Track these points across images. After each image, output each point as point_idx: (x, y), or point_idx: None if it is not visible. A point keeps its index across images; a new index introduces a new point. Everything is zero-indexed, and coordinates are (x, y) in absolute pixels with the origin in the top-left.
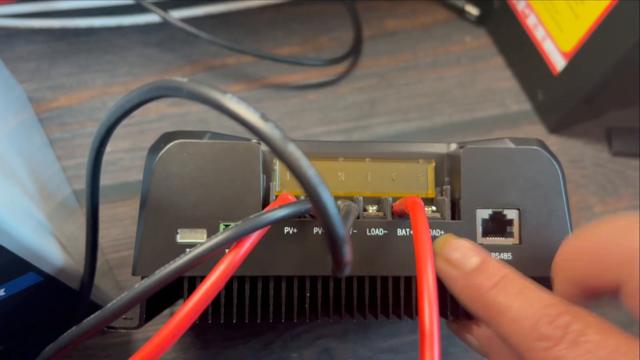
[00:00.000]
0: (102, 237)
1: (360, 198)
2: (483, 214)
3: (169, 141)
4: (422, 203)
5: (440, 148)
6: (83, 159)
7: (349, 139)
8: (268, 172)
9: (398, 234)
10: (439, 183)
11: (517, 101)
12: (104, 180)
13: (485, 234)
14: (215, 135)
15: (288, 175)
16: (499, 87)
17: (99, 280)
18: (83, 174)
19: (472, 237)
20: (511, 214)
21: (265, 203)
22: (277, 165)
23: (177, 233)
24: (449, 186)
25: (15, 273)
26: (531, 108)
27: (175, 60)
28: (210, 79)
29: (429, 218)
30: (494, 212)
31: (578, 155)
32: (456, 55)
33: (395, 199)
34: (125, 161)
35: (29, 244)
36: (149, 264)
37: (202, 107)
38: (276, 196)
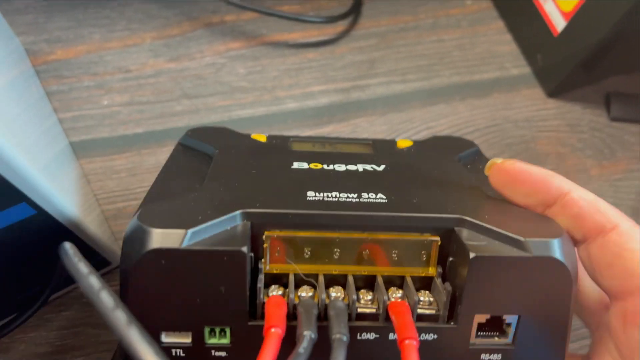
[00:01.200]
0: (98, 188)
1: (351, 280)
2: (481, 318)
3: (143, 241)
4: (412, 327)
5: (448, 222)
6: (80, 112)
7: (347, 99)
8: (256, 247)
9: (390, 338)
10: (442, 258)
11: (516, 65)
12: (101, 133)
13: (479, 333)
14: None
15: (277, 251)
16: (498, 51)
17: (95, 230)
18: (80, 126)
19: (465, 339)
20: (510, 319)
21: (253, 297)
22: (267, 243)
23: (162, 334)
24: (450, 288)
25: (7, 202)
26: (530, 72)
27: (173, 16)
28: (209, 36)
29: (420, 315)
30: (493, 317)
31: (576, 119)
32: (456, 18)
33: (390, 277)
34: (122, 115)
35: (23, 173)
36: None
37: (200, 62)
38: (264, 300)
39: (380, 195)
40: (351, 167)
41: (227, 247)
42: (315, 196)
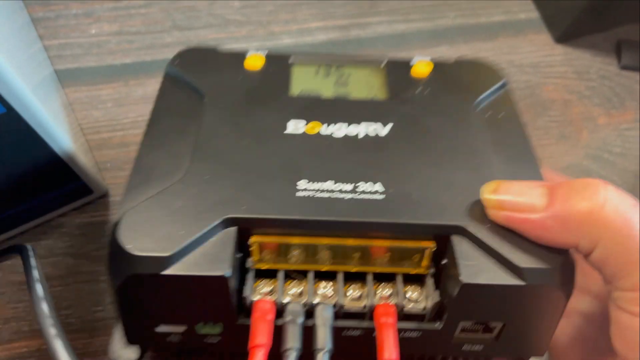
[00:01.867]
0: (83, 118)
1: (341, 278)
2: (467, 323)
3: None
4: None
5: (446, 230)
6: (67, 40)
7: (346, 37)
8: (243, 246)
9: (374, 335)
10: (437, 254)
11: (524, 9)
12: (88, 62)
13: (464, 331)
14: None
15: (265, 253)
16: None
17: (79, 159)
18: (66, 54)
19: (449, 335)
20: (495, 324)
21: (240, 301)
22: (254, 247)
23: (157, 326)
24: (438, 299)
25: None
26: (538, 16)
27: None
28: None
29: (407, 314)
30: (477, 323)
31: (584, 67)
32: None
33: (381, 275)
34: (111, 44)
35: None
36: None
37: None
38: (252, 299)
39: (377, 186)
40: (352, 131)
41: (208, 272)
42: (307, 189)
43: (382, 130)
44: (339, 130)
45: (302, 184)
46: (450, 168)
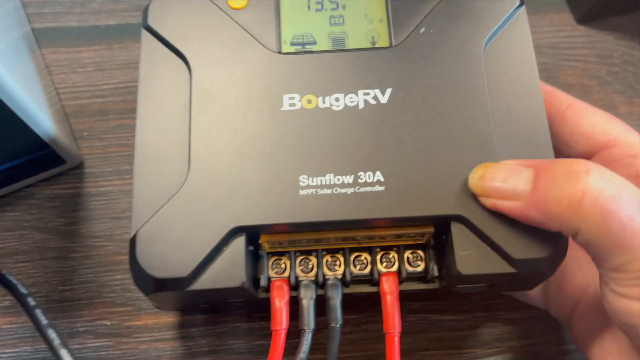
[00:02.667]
0: (60, 82)
1: (348, 251)
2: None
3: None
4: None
5: (446, 218)
6: None
7: None
8: (254, 240)
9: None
10: (434, 235)
11: None
12: (69, 21)
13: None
14: None
15: (275, 245)
16: None
17: (53, 127)
18: (45, 12)
19: (445, 291)
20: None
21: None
22: (264, 243)
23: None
24: (437, 274)
25: None
26: None
27: None
28: None
29: (410, 275)
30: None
31: (607, 50)
32: None
33: (384, 249)
34: (95, 4)
35: None
36: None
37: None
38: (270, 280)
39: (377, 175)
40: (351, 102)
41: (226, 284)
42: (309, 186)
43: (381, 97)
44: (338, 102)
45: (304, 181)
46: (452, 146)
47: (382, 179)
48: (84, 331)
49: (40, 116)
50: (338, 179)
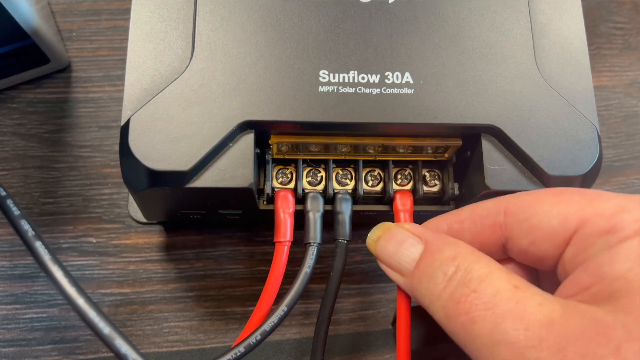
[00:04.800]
0: None
1: (361, 164)
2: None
3: None
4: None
5: (476, 129)
6: None
7: None
8: (262, 141)
9: (390, 214)
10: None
11: None
12: None
13: None
14: None
15: (285, 148)
16: None
17: (38, 24)
18: None
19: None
20: None
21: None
22: (274, 145)
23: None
24: (458, 192)
25: None
26: None
27: None
28: None
29: (425, 195)
30: None
31: None
32: None
33: (398, 164)
34: None
35: None
36: None
37: None
38: (274, 190)
39: (406, 77)
40: None
41: (232, 184)
42: (330, 82)
43: None
44: None
45: (324, 76)
46: (489, 53)
47: (411, 81)
48: (68, 248)
49: (22, 2)
50: (362, 77)
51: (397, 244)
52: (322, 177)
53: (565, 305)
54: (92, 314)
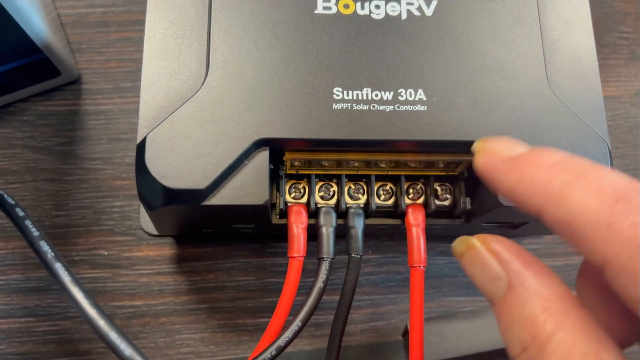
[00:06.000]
0: None
1: (373, 179)
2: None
3: None
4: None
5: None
6: None
7: None
8: (276, 157)
9: (402, 227)
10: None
11: None
12: None
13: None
14: None
15: (298, 164)
16: None
17: (49, 37)
18: None
19: (470, 229)
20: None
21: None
22: (288, 162)
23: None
24: (470, 207)
25: None
26: None
27: None
28: None
29: (437, 210)
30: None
31: None
32: None
33: (410, 179)
34: None
35: None
36: None
37: None
38: (287, 205)
39: (420, 94)
40: (393, 10)
41: (248, 202)
42: (344, 99)
43: (426, 9)
44: (378, 10)
45: (338, 94)
46: (500, 69)
47: (424, 98)
48: (79, 261)
49: (33, 16)
50: (376, 95)
51: (481, 271)
52: (334, 191)
53: None
54: (113, 335)
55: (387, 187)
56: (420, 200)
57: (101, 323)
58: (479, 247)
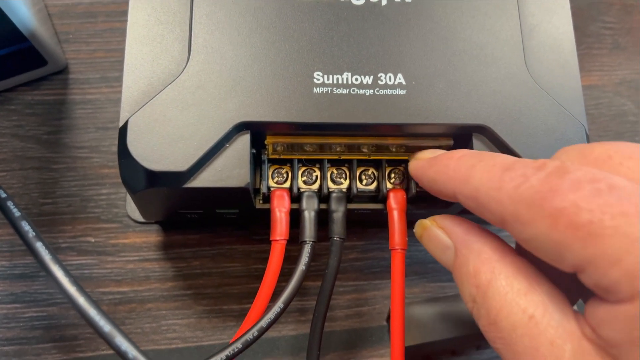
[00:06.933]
0: None
1: (355, 164)
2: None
3: None
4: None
5: (467, 129)
6: None
7: None
8: (258, 141)
9: (384, 212)
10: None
11: None
12: None
13: None
14: None
15: (280, 148)
16: None
17: (35, 26)
18: None
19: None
20: None
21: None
22: (270, 146)
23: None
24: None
25: None
26: None
27: None
28: None
29: (418, 195)
30: None
31: None
32: None
33: (392, 164)
34: None
35: None
36: None
37: None
38: (269, 189)
39: (399, 78)
40: None
41: (229, 184)
42: (324, 83)
43: None
44: None
45: (318, 77)
46: (479, 53)
47: (403, 82)
48: (66, 247)
49: (19, 5)
50: (356, 79)
51: (435, 245)
52: (317, 176)
53: (574, 352)
54: (92, 312)
55: (369, 172)
56: (402, 185)
57: (81, 300)
58: (430, 225)
